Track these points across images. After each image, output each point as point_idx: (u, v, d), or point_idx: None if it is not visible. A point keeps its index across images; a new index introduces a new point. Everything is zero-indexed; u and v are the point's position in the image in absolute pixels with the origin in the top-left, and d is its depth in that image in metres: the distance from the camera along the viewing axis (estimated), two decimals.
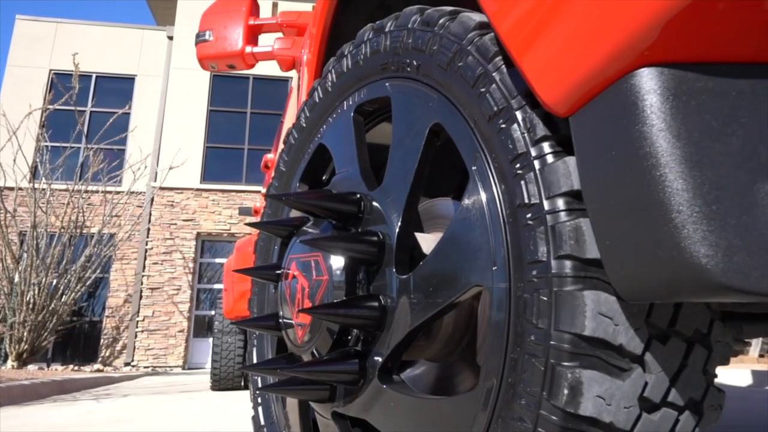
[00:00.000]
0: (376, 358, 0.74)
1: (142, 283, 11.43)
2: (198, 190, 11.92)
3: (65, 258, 8.53)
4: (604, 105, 0.46)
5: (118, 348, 11.43)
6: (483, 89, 0.61)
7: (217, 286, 11.72)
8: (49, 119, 10.57)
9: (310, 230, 0.89)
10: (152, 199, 11.71)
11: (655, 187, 0.41)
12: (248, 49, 2.11)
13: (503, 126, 0.58)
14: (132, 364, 11.09)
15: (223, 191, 11.96)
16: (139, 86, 12.69)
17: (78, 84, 9.34)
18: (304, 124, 1.12)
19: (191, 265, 11.63)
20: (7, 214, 8.26)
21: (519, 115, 0.57)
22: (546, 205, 0.53)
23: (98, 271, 9.60)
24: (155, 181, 11.52)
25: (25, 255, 8.11)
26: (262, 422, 1.13)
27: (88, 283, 9.10)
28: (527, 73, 0.53)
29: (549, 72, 0.50)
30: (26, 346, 7.80)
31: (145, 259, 11.59)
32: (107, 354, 11.39)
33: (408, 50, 0.77)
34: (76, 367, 9.64)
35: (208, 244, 12.17)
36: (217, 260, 12.03)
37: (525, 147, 0.56)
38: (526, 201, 0.55)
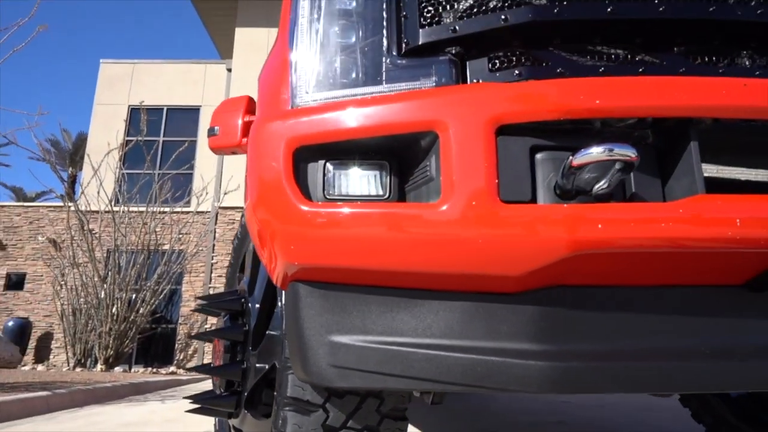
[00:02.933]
0: (244, 394, 1.34)
1: None
2: None
3: (142, 275, 9.73)
4: (286, 294, 1.03)
5: (190, 352, 12.69)
6: None
7: None
8: (129, 150, 11.98)
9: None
10: (216, 218, 12.90)
11: (295, 333, 0.97)
12: (244, 140, 2.78)
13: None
14: None
15: None
16: (204, 116, 13.98)
17: (151, 117, 10.59)
18: (239, 235, 1.74)
19: None
20: (93, 239, 9.56)
21: None
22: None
23: (172, 283, 10.80)
24: (218, 201, 12.69)
25: (109, 273, 9.36)
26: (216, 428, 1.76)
27: (161, 296, 10.30)
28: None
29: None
30: (111, 352, 9.03)
31: (212, 272, 12.79)
32: (181, 357, 12.68)
33: None
34: (154, 370, 10.89)
35: None
36: None
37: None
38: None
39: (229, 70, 13.77)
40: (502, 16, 0.95)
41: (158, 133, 13.15)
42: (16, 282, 16.19)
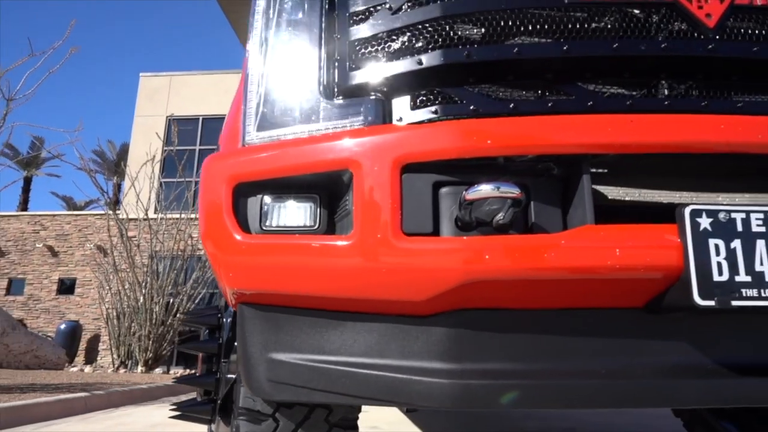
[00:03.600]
0: (218, 402, 1.46)
1: None
2: None
3: (178, 280, 10.14)
4: (236, 314, 1.14)
5: None
6: None
7: None
8: (166, 159, 12.49)
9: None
10: None
11: (241, 350, 1.08)
12: None
13: None
14: None
15: None
16: None
17: (188, 127, 11.02)
18: None
19: None
20: (132, 245, 10.03)
21: None
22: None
23: (207, 287, 11.19)
24: None
25: (148, 279, 9.80)
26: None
27: (197, 300, 10.70)
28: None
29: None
30: (150, 355, 9.46)
31: None
32: None
33: None
34: (192, 371, 11.32)
35: None
36: None
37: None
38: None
39: None
40: (418, 59, 1.03)
41: (194, 142, 13.66)
42: (67, 287, 17.10)
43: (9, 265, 17.01)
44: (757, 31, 1.03)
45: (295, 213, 1.05)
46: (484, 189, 0.87)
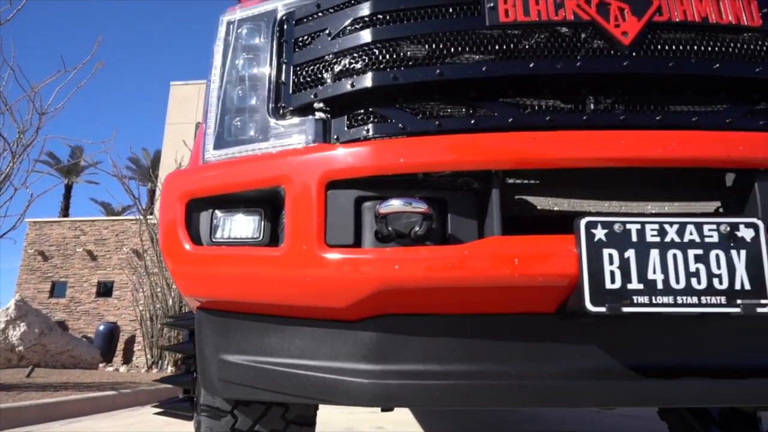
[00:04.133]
0: (195, 399, 1.57)
1: None
2: None
3: None
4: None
5: None
6: None
7: None
8: None
9: None
10: None
11: (198, 351, 1.18)
12: None
13: None
14: None
15: None
16: None
17: None
18: None
19: None
20: None
21: None
22: None
23: None
24: None
25: None
26: None
27: None
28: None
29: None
30: (180, 355, 9.77)
31: None
32: None
33: None
34: None
35: None
36: None
37: None
38: None
39: None
40: (351, 82, 1.11)
41: None
42: (106, 290, 17.82)
43: (52, 269, 17.82)
44: (674, 47, 1.07)
45: (242, 226, 1.14)
46: (395, 204, 0.94)
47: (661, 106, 1.08)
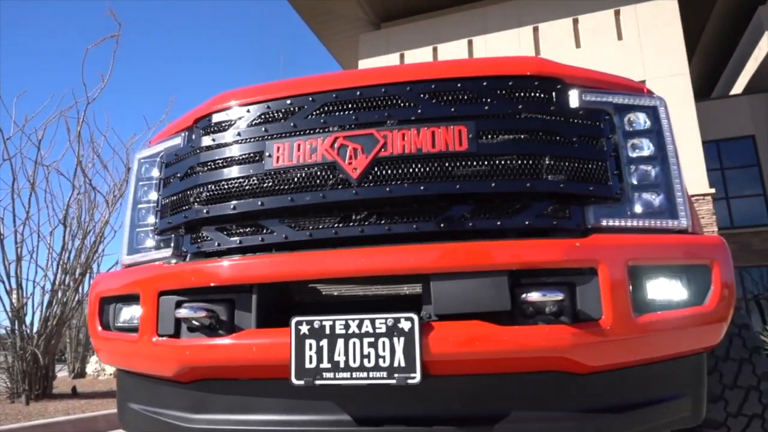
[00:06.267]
0: None
1: None
2: None
3: None
4: None
5: None
6: None
7: None
8: None
9: None
10: None
11: (117, 398, 1.75)
12: None
13: None
14: None
15: None
16: None
17: None
18: None
19: None
20: None
21: None
22: None
23: None
24: None
25: None
26: None
27: None
28: None
29: None
30: None
31: None
32: None
33: None
34: None
35: None
36: None
37: None
38: None
39: None
40: (183, 215, 1.60)
41: None
42: None
43: None
44: (394, 174, 1.43)
45: (128, 316, 1.68)
46: (182, 312, 1.42)
47: (388, 221, 1.44)
